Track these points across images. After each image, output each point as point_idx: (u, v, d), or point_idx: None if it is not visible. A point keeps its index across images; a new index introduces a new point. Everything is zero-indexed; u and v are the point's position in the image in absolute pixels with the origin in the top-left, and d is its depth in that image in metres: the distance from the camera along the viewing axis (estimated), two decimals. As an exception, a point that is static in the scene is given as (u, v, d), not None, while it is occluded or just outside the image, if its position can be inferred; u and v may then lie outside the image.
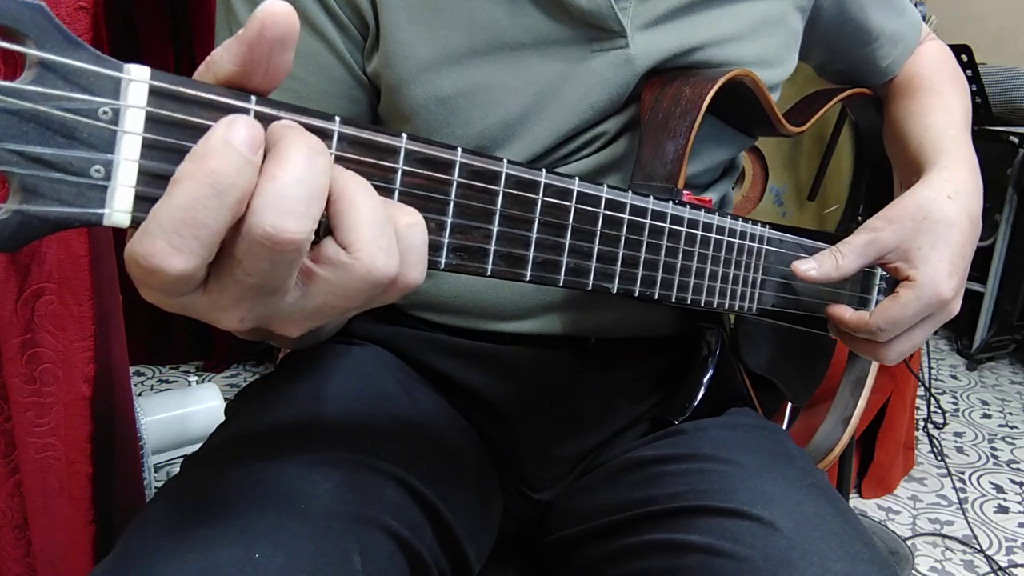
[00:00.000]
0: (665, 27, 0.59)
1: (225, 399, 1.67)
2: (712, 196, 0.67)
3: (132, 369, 2.07)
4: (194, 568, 0.41)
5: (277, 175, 0.28)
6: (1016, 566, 1.51)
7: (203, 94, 0.29)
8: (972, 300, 2.62)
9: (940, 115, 0.70)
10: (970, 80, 2.28)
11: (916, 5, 1.70)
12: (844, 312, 0.61)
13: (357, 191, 0.31)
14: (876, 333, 0.59)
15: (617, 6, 0.56)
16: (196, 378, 2.09)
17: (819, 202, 1.22)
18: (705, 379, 0.65)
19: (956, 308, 0.61)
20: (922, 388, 1.88)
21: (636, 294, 0.48)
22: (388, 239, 0.31)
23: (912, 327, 0.59)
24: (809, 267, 0.58)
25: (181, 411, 1.59)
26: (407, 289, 0.33)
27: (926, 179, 0.62)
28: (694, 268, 0.52)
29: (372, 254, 0.30)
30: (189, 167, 0.27)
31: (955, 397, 2.34)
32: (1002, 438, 2.08)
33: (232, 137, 0.28)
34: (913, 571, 1.48)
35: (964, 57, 2.24)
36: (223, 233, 0.28)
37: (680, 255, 0.51)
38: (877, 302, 0.68)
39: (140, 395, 1.69)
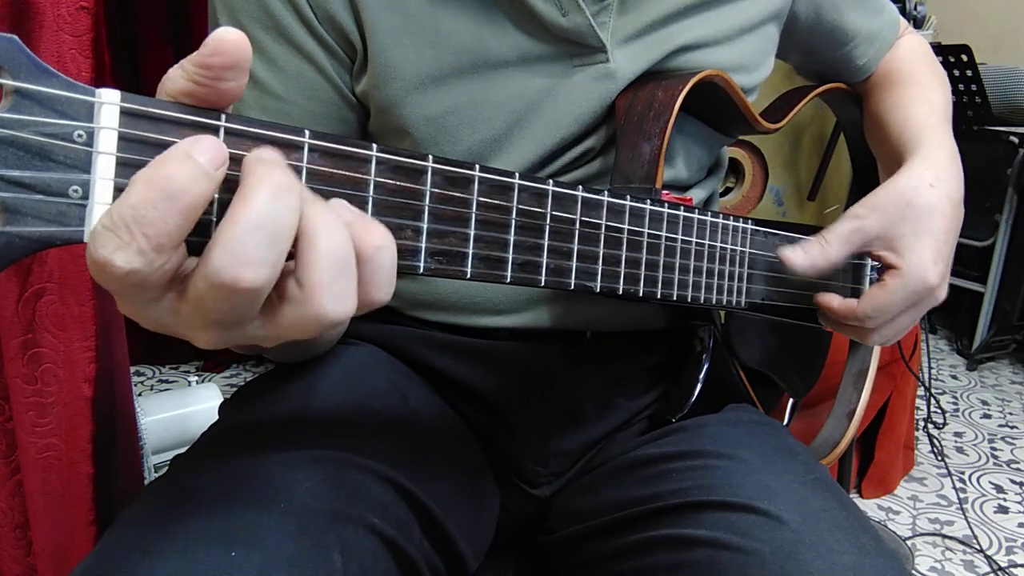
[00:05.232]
0: (644, 40, 0.59)
1: (225, 399, 1.67)
2: (700, 194, 0.68)
3: (132, 369, 2.06)
4: (171, 567, 0.41)
5: (237, 219, 0.29)
6: (1016, 566, 1.51)
7: (173, 113, 0.30)
8: (972, 300, 2.62)
9: (919, 106, 0.71)
10: (970, 80, 2.28)
11: (916, 6, 1.70)
12: (832, 300, 0.62)
13: (319, 231, 0.31)
14: (864, 320, 0.60)
15: (596, 22, 0.56)
16: (196, 378, 2.09)
17: (819, 202, 1.22)
18: (700, 376, 0.65)
19: (942, 295, 0.62)
20: (922, 388, 1.88)
21: (620, 292, 0.48)
22: (343, 282, 0.31)
23: (899, 313, 0.60)
24: (797, 255, 0.59)
25: (181, 411, 1.59)
26: (372, 308, 0.34)
27: (907, 167, 0.63)
28: (677, 264, 0.53)
29: (321, 299, 0.31)
30: (146, 172, 0.28)
31: (955, 397, 2.34)
32: (1002, 438, 2.08)
33: (192, 149, 0.29)
34: (913, 571, 1.48)
35: (964, 57, 2.24)
36: (174, 239, 0.29)
37: (662, 252, 0.51)
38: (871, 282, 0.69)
39: (140, 395, 1.69)
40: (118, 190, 0.29)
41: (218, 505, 0.45)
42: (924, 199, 0.60)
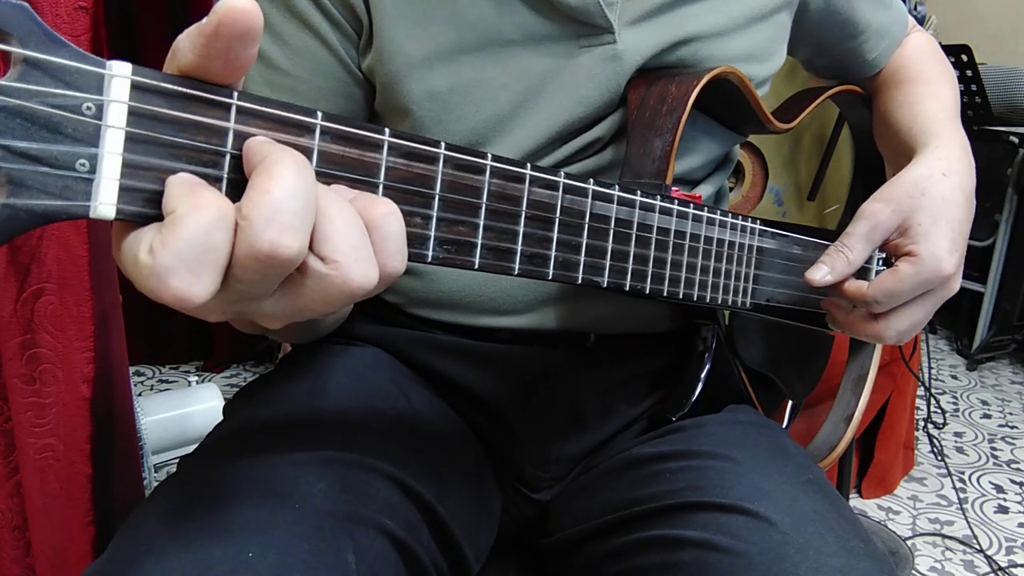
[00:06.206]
0: (652, 23, 0.59)
1: (225, 399, 1.67)
2: (708, 189, 0.68)
3: (132, 369, 2.06)
4: (186, 567, 0.41)
5: (270, 190, 0.28)
6: (1016, 566, 1.51)
7: (184, 88, 0.30)
8: (972, 300, 2.61)
9: (929, 102, 0.70)
10: (970, 80, 2.28)
11: (916, 6, 1.70)
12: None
13: (331, 204, 0.31)
14: (872, 304, 0.59)
15: (604, 2, 0.56)
16: (196, 378, 2.09)
17: (819, 202, 1.22)
18: (702, 375, 0.65)
19: (956, 285, 0.61)
20: (922, 388, 1.88)
21: (627, 288, 0.48)
22: (364, 249, 0.32)
23: (911, 303, 0.59)
24: (823, 273, 0.59)
25: (181, 411, 1.59)
26: (390, 280, 0.33)
27: (920, 158, 0.63)
28: (684, 262, 0.52)
29: (348, 266, 0.31)
30: (189, 201, 0.28)
31: (955, 397, 2.34)
32: (1002, 438, 2.08)
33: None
34: (913, 571, 1.48)
35: (964, 57, 2.23)
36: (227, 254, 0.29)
37: (670, 249, 0.51)
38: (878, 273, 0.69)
39: (140, 395, 1.69)
40: (126, 165, 0.29)
41: (231, 506, 0.45)
42: (938, 189, 0.59)
